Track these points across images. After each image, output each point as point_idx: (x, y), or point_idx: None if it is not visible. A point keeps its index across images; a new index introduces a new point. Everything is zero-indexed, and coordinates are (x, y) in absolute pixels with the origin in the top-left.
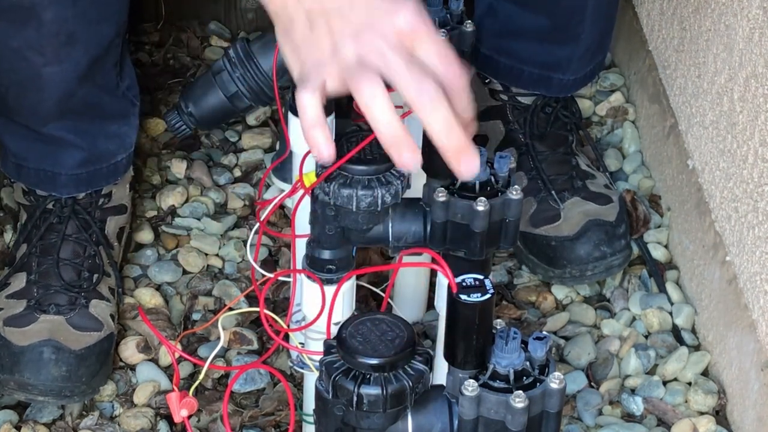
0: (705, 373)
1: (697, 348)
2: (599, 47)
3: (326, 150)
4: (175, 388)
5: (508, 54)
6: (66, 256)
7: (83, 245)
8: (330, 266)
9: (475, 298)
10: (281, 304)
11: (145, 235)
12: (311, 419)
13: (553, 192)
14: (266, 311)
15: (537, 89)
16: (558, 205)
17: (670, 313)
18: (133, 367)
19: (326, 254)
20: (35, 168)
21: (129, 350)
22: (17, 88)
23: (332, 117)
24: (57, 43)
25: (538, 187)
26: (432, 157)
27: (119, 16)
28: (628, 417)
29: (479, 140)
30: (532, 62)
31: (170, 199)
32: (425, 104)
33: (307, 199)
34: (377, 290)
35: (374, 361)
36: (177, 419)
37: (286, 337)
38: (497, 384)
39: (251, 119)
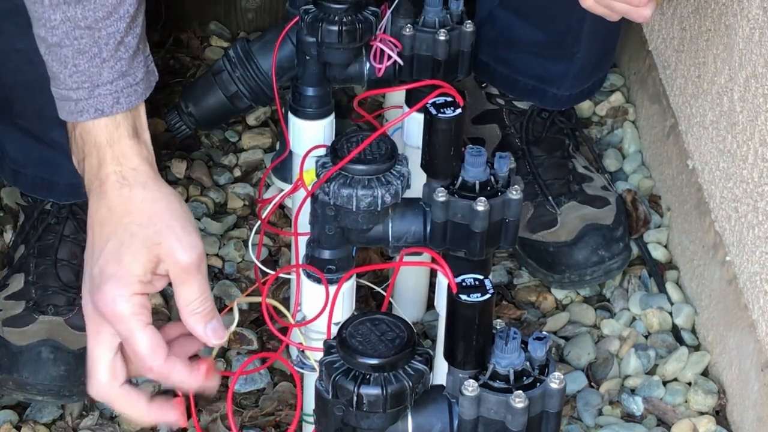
0: (705, 373)
1: (697, 348)
2: (598, 66)
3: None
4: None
5: (505, 63)
6: (64, 257)
7: (81, 246)
8: (330, 266)
9: (475, 298)
10: (281, 304)
11: None
12: (311, 419)
13: (549, 197)
14: (271, 300)
15: (531, 100)
16: (555, 210)
17: (670, 313)
18: None
19: (326, 254)
20: (33, 175)
21: None
22: (22, 91)
23: (332, 117)
24: None
25: (534, 191)
26: (432, 157)
27: None
28: (628, 417)
29: (476, 142)
30: (526, 73)
31: None
32: None
33: (308, 200)
34: (378, 289)
35: (374, 361)
36: (183, 424)
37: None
38: (497, 384)
39: (251, 119)
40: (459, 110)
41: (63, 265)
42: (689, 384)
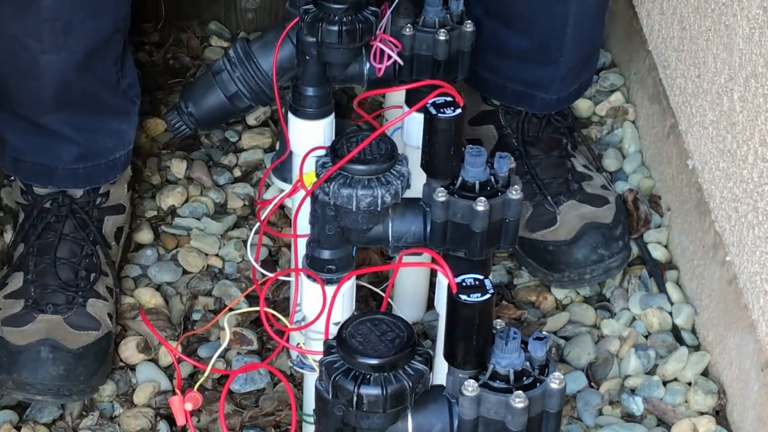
0: (705, 373)
1: (697, 348)
2: (584, 68)
3: None
4: (177, 391)
5: (492, 70)
6: (63, 256)
7: (80, 244)
8: (330, 266)
9: (475, 298)
10: (281, 304)
11: (145, 235)
12: (311, 419)
13: (548, 197)
14: (268, 309)
15: (521, 105)
16: (554, 209)
17: (670, 313)
18: (133, 367)
19: (326, 254)
20: (32, 162)
21: (129, 350)
22: (16, 76)
23: (332, 117)
24: (54, 31)
25: (533, 191)
26: (432, 157)
27: (118, 9)
28: (628, 417)
29: (474, 144)
30: (514, 79)
31: (170, 199)
32: None
33: (308, 200)
34: (377, 290)
35: (374, 361)
36: (180, 422)
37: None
38: (497, 384)
39: (251, 119)
40: (459, 110)
41: (62, 263)
42: (689, 384)
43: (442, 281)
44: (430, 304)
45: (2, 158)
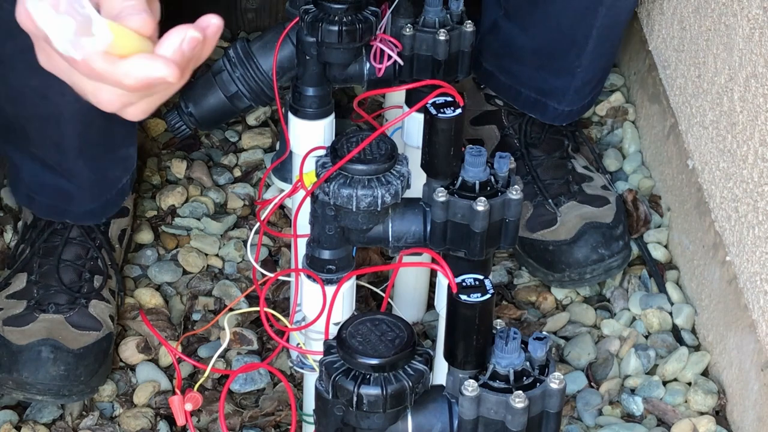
0: (705, 373)
1: (697, 348)
2: (599, 81)
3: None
4: (177, 391)
5: (508, 73)
6: (68, 258)
7: (86, 248)
8: (330, 266)
9: (475, 298)
10: (281, 304)
11: (145, 236)
12: (311, 419)
13: (549, 198)
14: (268, 309)
15: (533, 113)
16: (554, 209)
17: (670, 313)
18: (133, 368)
19: (326, 254)
20: (47, 203)
21: (129, 350)
22: (39, 124)
23: (332, 117)
24: None
25: (534, 191)
26: (432, 157)
27: None
28: (628, 417)
29: (475, 144)
30: (528, 85)
31: (170, 199)
32: None
33: (308, 200)
34: (377, 290)
35: (374, 361)
36: (180, 422)
37: (282, 335)
38: (497, 384)
39: (251, 119)
40: (459, 110)
41: (66, 265)
42: (689, 384)
43: (442, 281)
44: (430, 304)
45: (17, 192)
